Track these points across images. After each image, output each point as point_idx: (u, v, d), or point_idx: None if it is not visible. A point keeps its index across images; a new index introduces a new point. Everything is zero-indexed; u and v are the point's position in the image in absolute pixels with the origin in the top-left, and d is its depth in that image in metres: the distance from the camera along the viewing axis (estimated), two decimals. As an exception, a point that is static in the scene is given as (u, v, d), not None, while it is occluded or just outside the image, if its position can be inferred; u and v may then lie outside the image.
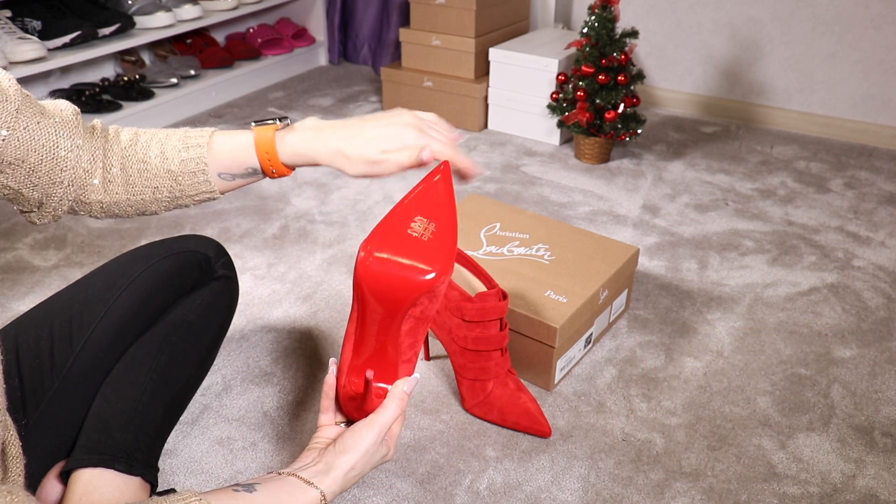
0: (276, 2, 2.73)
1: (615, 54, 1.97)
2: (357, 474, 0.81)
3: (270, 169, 0.85)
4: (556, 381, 1.26)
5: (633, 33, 1.99)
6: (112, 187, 0.82)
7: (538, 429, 1.14)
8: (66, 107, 0.81)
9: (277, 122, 0.85)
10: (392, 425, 0.84)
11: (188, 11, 2.35)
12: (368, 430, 0.81)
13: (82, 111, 2.17)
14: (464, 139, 0.86)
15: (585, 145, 2.11)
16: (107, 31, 2.14)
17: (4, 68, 1.88)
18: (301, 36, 2.91)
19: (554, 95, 2.14)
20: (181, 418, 1.16)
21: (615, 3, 1.97)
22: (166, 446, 1.12)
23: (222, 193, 0.88)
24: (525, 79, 2.24)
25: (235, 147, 0.84)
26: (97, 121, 0.85)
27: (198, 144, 0.84)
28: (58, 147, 0.77)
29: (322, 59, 3.01)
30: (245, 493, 0.71)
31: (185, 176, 0.84)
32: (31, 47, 1.93)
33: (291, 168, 0.86)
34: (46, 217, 0.82)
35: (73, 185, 0.80)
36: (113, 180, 0.82)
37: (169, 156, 0.83)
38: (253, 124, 0.85)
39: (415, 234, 0.78)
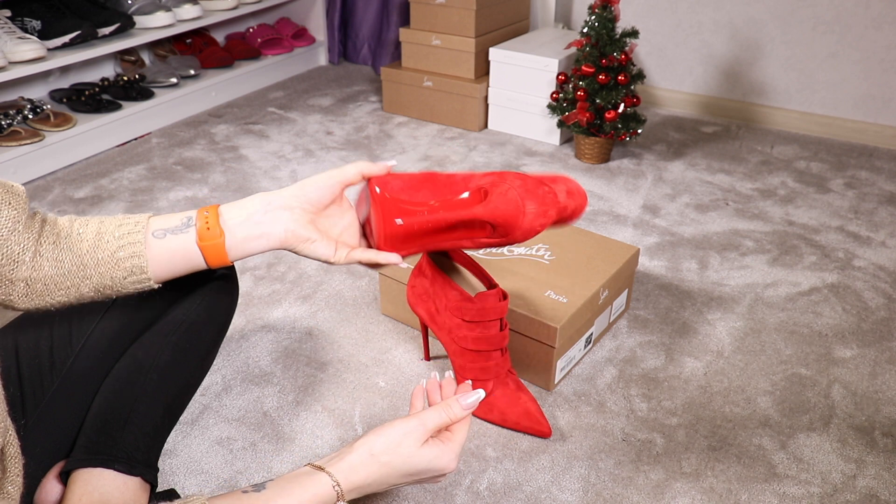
0: (276, 1, 2.73)
1: (615, 54, 1.97)
2: (386, 467, 0.73)
3: (205, 220, 0.80)
4: (556, 382, 1.26)
5: (634, 33, 1.99)
6: (41, 262, 0.78)
7: (538, 429, 1.14)
8: (17, 185, 0.79)
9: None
10: (455, 432, 0.78)
11: (188, 11, 2.35)
12: (402, 420, 0.76)
13: (82, 111, 2.18)
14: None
15: (585, 145, 2.11)
16: (106, 30, 2.14)
17: (4, 68, 1.89)
18: (301, 36, 2.90)
19: (554, 95, 2.14)
20: (181, 418, 1.16)
21: (615, 2, 1.97)
22: (166, 446, 1.12)
23: (157, 282, 0.82)
24: (525, 79, 2.24)
25: (177, 214, 0.83)
26: (39, 209, 0.83)
27: (139, 215, 0.82)
28: (0, 215, 0.74)
29: (322, 58, 3.01)
30: (253, 493, 0.69)
31: (116, 238, 0.79)
32: (30, 47, 1.93)
33: (227, 250, 0.81)
34: None
35: (2, 258, 0.76)
36: (43, 254, 0.78)
37: (106, 221, 0.81)
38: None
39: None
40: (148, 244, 0.79)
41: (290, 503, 0.67)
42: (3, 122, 1.98)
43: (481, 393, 0.80)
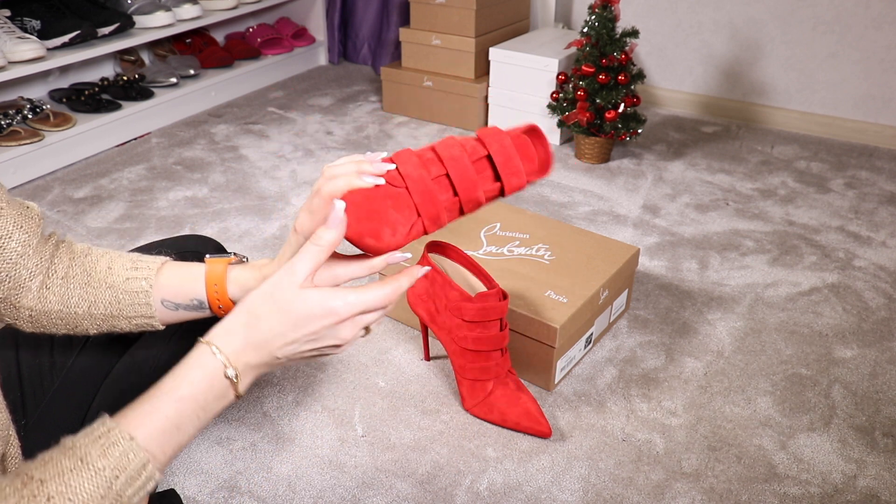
0: (276, 1, 2.73)
1: (615, 54, 1.97)
2: (266, 320, 0.64)
3: (217, 303, 0.77)
4: (556, 382, 1.26)
5: (634, 33, 1.99)
6: (48, 295, 0.77)
7: (538, 429, 1.14)
8: (33, 205, 0.78)
9: (232, 257, 0.80)
10: (366, 298, 0.65)
11: (187, 11, 2.34)
12: (278, 266, 0.68)
13: (82, 111, 2.18)
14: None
15: (586, 145, 2.11)
16: (106, 30, 2.13)
17: (3, 68, 1.88)
18: (301, 35, 2.90)
19: (554, 95, 2.14)
20: (181, 418, 1.16)
21: (615, 2, 1.97)
22: (166, 446, 1.12)
23: (163, 325, 0.80)
24: (525, 78, 2.23)
25: (184, 276, 0.78)
26: (56, 231, 0.81)
27: (147, 266, 0.78)
28: (10, 238, 0.73)
29: (322, 58, 3.01)
30: (149, 390, 0.62)
31: (127, 295, 0.77)
32: (30, 47, 1.93)
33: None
34: None
35: (9, 282, 0.74)
36: (51, 287, 0.76)
37: (115, 270, 0.78)
38: (207, 257, 0.79)
39: None
40: (157, 307, 0.78)
41: (180, 385, 0.62)
42: (2, 122, 1.98)
43: (340, 203, 0.65)
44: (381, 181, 0.69)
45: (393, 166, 0.70)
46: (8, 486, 0.54)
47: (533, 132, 0.75)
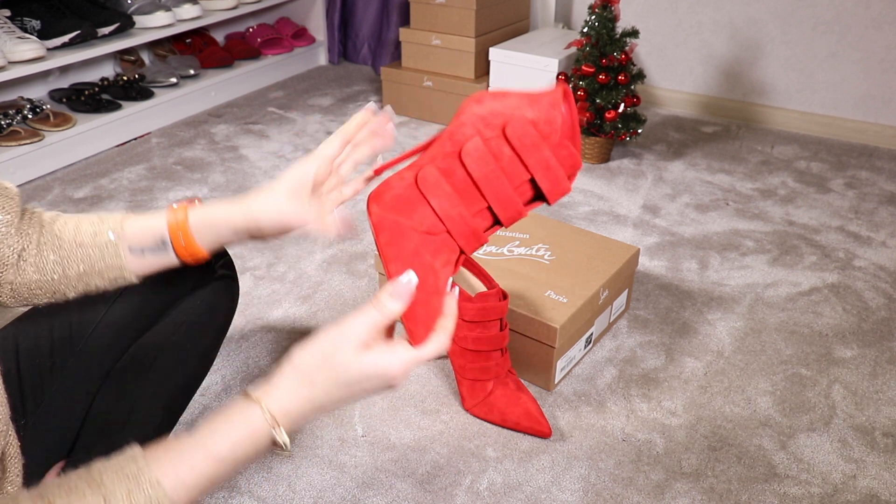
0: (276, 1, 2.73)
1: (615, 54, 1.97)
2: (321, 386, 0.63)
3: (179, 239, 0.79)
4: (556, 382, 1.26)
5: (634, 33, 1.99)
6: (25, 267, 0.79)
7: (538, 429, 1.14)
8: (10, 186, 0.80)
9: (197, 200, 0.83)
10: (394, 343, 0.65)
11: (187, 11, 2.34)
12: (330, 330, 0.64)
13: (82, 111, 2.18)
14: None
15: (586, 145, 2.11)
16: (106, 30, 2.13)
17: (3, 68, 1.88)
18: (301, 35, 2.90)
19: (554, 95, 2.14)
20: (181, 418, 1.16)
21: (615, 2, 1.97)
22: (166, 446, 1.12)
23: (137, 278, 0.82)
24: (525, 78, 2.23)
25: (148, 220, 0.81)
26: (34, 205, 0.83)
27: (111, 219, 0.81)
28: None
29: (322, 58, 3.01)
30: (185, 437, 0.62)
31: (96, 249, 0.80)
32: (30, 47, 1.93)
33: (204, 250, 0.81)
34: None
35: None
36: (27, 259, 0.79)
37: (83, 228, 0.81)
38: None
39: None
40: (126, 257, 0.80)
41: (222, 442, 0.60)
42: (2, 122, 1.98)
43: (411, 275, 0.64)
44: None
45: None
46: None
47: (567, 104, 0.68)
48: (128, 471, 0.57)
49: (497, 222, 0.70)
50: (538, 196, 0.70)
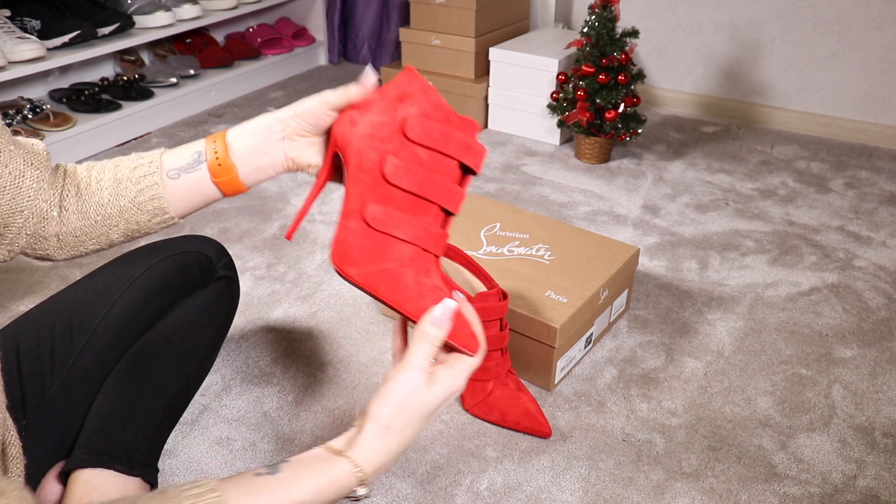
0: (276, 1, 2.73)
1: (615, 54, 1.97)
2: (404, 432, 0.66)
3: (213, 151, 0.78)
4: (556, 382, 1.26)
5: (634, 33, 1.99)
6: (67, 216, 0.79)
7: (538, 429, 1.14)
8: (37, 143, 0.81)
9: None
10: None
11: (187, 11, 2.34)
12: (396, 376, 0.66)
13: (81, 111, 2.18)
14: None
15: (586, 145, 2.11)
16: (106, 30, 2.14)
17: (3, 68, 1.88)
18: (301, 35, 2.90)
19: (554, 95, 2.14)
20: (181, 418, 1.16)
21: (615, 2, 1.97)
22: (166, 446, 1.12)
23: (177, 214, 0.81)
24: (525, 78, 2.23)
25: (186, 146, 0.81)
26: (64, 162, 0.83)
27: (152, 153, 0.81)
28: (24, 177, 0.76)
29: (322, 58, 3.01)
30: (267, 476, 0.63)
31: (134, 181, 0.79)
32: (30, 47, 1.93)
33: (236, 167, 0.78)
34: (2, 250, 0.78)
35: (32, 217, 0.77)
36: (68, 207, 0.79)
37: (122, 165, 0.81)
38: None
39: None
40: (165, 185, 0.79)
41: (305, 488, 0.62)
42: (2, 122, 1.98)
43: (448, 302, 0.68)
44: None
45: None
46: None
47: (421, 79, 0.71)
48: (207, 500, 0.58)
49: (448, 213, 0.72)
50: (465, 171, 0.71)
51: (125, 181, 0.79)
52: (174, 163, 0.79)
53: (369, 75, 0.72)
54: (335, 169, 0.78)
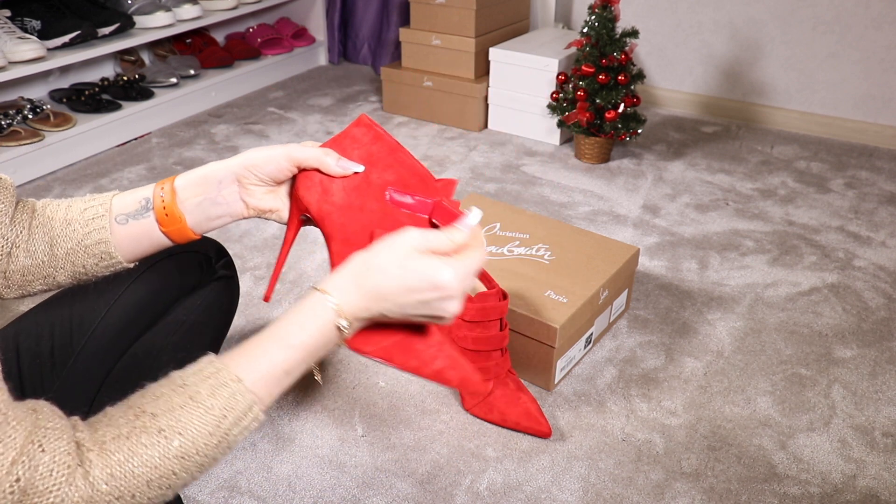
0: (276, 1, 2.73)
1: (615, 54, 1.97)
2: (383, 274, 0.63)
3: (161, 199, 0.75)
4: (556, 381, 1.26)
5: (634, 33, 1.99)
6: (16, 253, 0.77)
7: (538, 429, 1.14)
8: (5, 177, 0.78)
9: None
10: (463, 253, 0.65)
11: (188, 11, 2.34)
12: (402, 230, 0.65)
13: (82, 111, 2.18)
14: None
15: (585, 145, 2.11)
16: (106, 30, 2.14)
17: (3, 68, 1.88)
18: (301, 35, 2.90)
19: (554, 95, 2.14)
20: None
21: (615, 2, 1.97)
22: (166, 446, 1.12)
23: (124, 258, 0.79)
24: (525, 79, 2.24)
25: (138, 189, 0.79)
26: (30, 199, 0.82)
27: (104, 196, 0.79)
28: None
29: (322, 58, 3.01)
30: (257, 334, 0.65)
31: (83, 224, 0.77)
32: (30, 47, 1.93)
33: (185, 216, 0.76)
34: None
35: None
36: (19, 245, 0.77)
37: (73, 207, 0.79)
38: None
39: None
40: (112, 229, 0.77)
41: (293, 330, 0.64)
42: (2, 122, 1.98)
43: (476, 211, 0.66)
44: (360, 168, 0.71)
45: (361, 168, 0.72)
46: (121, 417, 0.59)
47: (377, 130, 0.72)
48: (207, 372, 0.62)
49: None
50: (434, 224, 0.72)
51: (74, 223, 0.77)
52: (122, 208, 0.78)
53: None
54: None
